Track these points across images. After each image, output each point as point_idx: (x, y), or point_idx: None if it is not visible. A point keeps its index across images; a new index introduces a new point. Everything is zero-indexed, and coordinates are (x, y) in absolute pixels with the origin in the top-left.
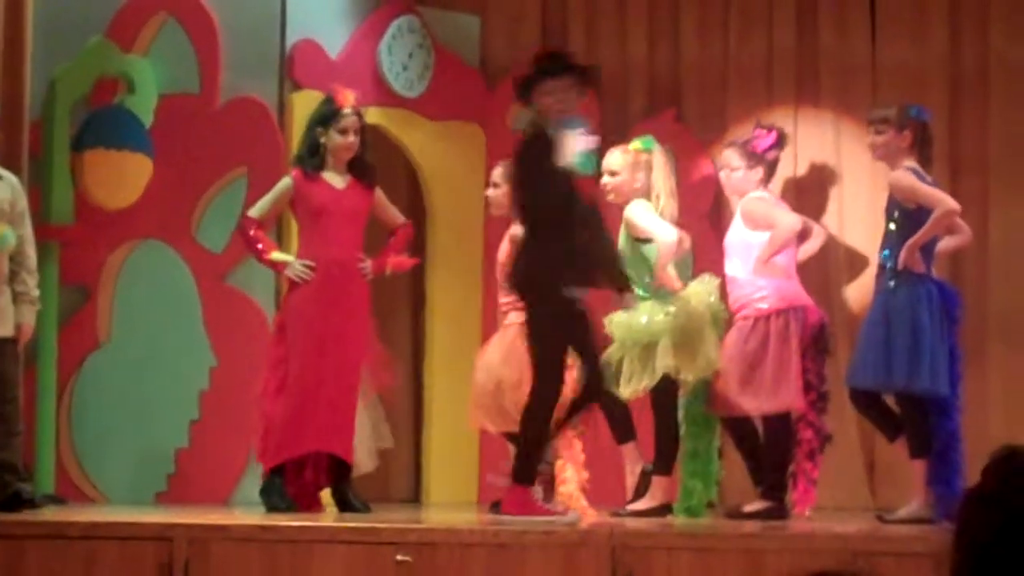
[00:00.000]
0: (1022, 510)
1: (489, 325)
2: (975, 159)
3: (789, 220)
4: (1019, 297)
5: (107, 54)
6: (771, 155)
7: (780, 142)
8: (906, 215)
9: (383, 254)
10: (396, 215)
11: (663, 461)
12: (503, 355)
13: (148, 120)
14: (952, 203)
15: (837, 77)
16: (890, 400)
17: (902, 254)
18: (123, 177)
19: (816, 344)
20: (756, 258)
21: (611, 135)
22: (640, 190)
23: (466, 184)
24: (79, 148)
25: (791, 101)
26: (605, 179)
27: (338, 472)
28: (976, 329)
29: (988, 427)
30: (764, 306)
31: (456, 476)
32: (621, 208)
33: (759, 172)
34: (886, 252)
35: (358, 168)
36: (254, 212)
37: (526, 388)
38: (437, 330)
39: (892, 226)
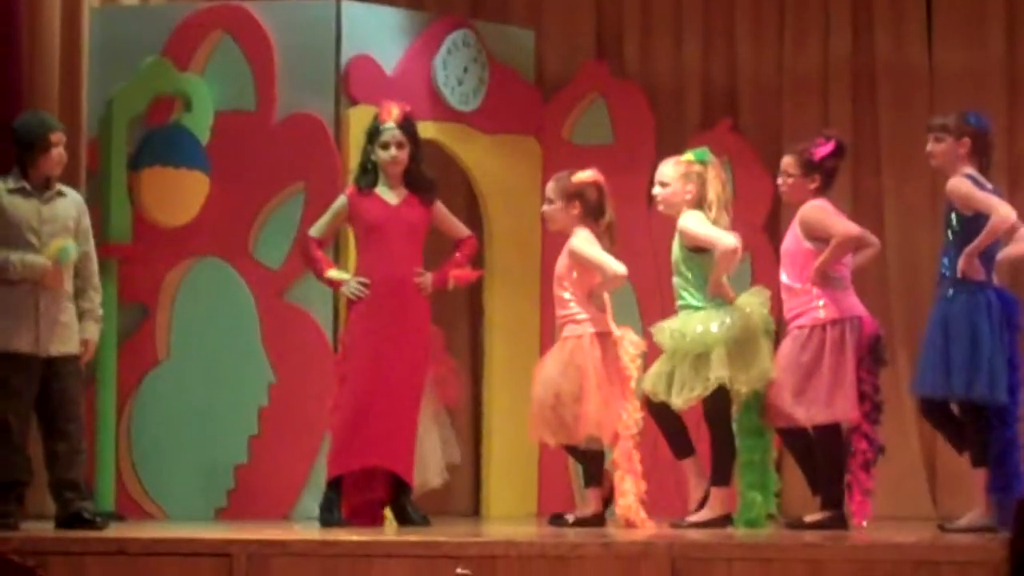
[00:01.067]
0: None
1: (547, 338)
2: None
3: (847, 229)
4: None
5: (163, 72)
6: (829, 164)
7: (838, 151)
8: (964, 223)
9: (445, 267)
10: (460, 228)
11: (720, 472)
12: (561, 367)
13: (205, 138)
14: (1008, 210)
15: (894, 84)
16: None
17: (960, 262)
18: (180, 195)
19: (872, 354)
20: (814, 267)
21: (667, 146)
22: (691, 201)
23: (523, 197)
24: (136, 166)
25: (847, 109)
26: (656, 189)
27: (397, 486)
28: None
29: None
30: (820, 315)
31: (516, 489)
32: (672, 219)
33: (815, 180)
34: (945, 260)
35: (415, 182)
36: (314, 231)
37: (584, 401)
38: (496, 343)
39: (950, 234)
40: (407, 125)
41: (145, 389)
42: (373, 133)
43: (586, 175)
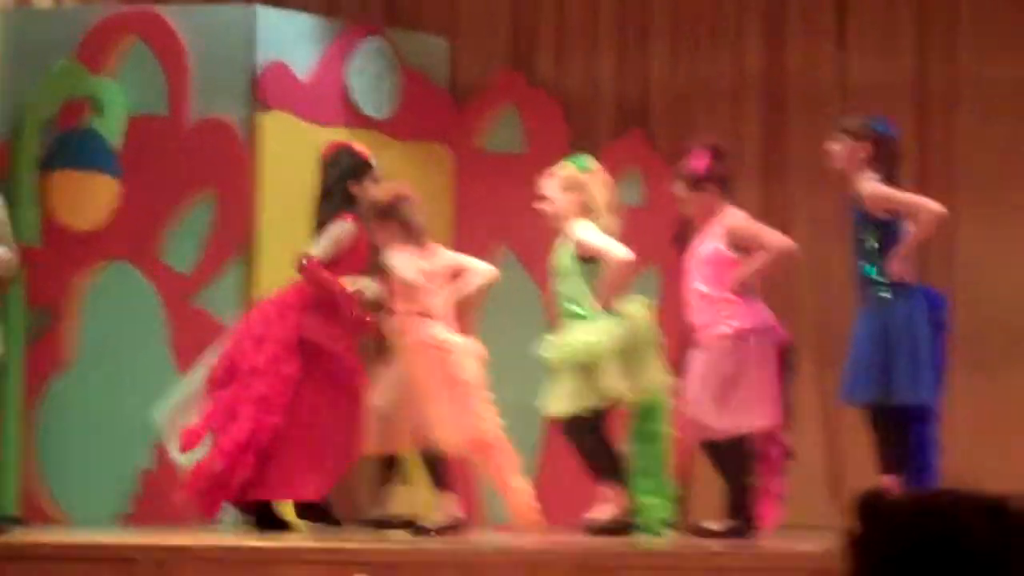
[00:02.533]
0: (890, 555)
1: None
2: (943, 178)
3: (782, 242)
4: (983, 317)
5: (75, 76)
6: (717, 171)
7: (718, 157)
8: (880, 227)
9: None
10: None
11: (604, 471)
12: (396, 376)
13: (116, 142)
14: (937, 206)
15: (805, 96)
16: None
17: (892, 266)
18: (90, 199)
19: (782, 362)
20: (735, 276)
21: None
22: (577, 210)
23: (435, 205)
24: (47, 170)
25: (759, 121)
26: (543, 205)
27: None
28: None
29: (954, 443)
30: (739, 324)
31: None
32: (561, 232)
33: (713, 191)
34: (869, 267)
35: None
36: (318, 252)
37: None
38: None
39: (872, 240)
40: None
41: (52, 393)
42: (360, 170)
43: (389, 189)
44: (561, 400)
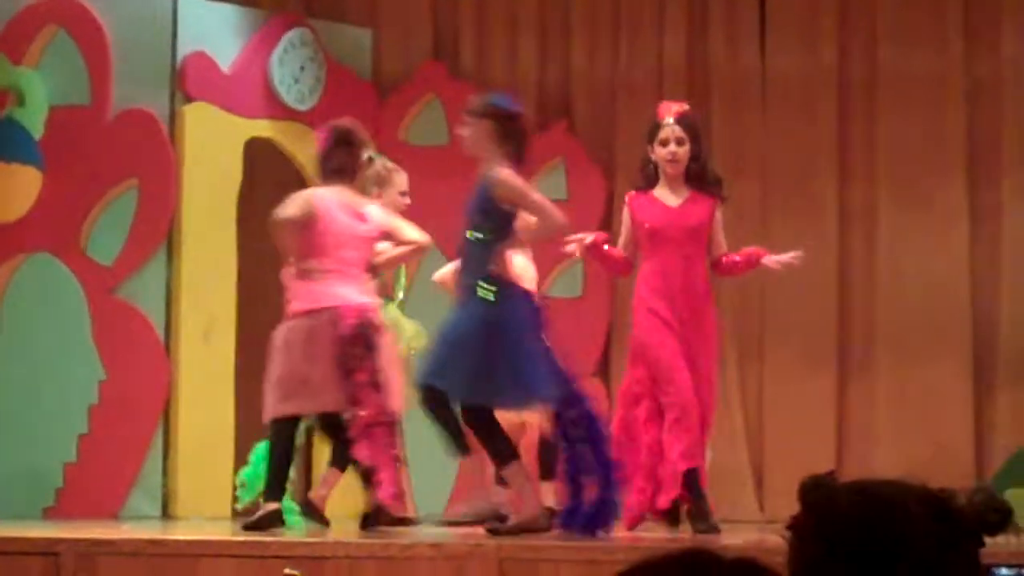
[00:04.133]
0: (834, 538)
1: None
2: (863, 169)
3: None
4: (906, 309)
5: None
6: (334, 155)
7: (332, 138)
8: (498, 217)
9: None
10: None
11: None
12: None
13: (38, 132)
14: (561, 219)
15: (727, 87)
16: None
17: (496, 262)
18: (11, 190)
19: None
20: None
21: None
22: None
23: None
24: None
25: None
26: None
27: None
28: (865, 339)
29: (876, 433)
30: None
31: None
32: None
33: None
34: (481, 258)
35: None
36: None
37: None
38: None
39: (487, 231)
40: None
41: None
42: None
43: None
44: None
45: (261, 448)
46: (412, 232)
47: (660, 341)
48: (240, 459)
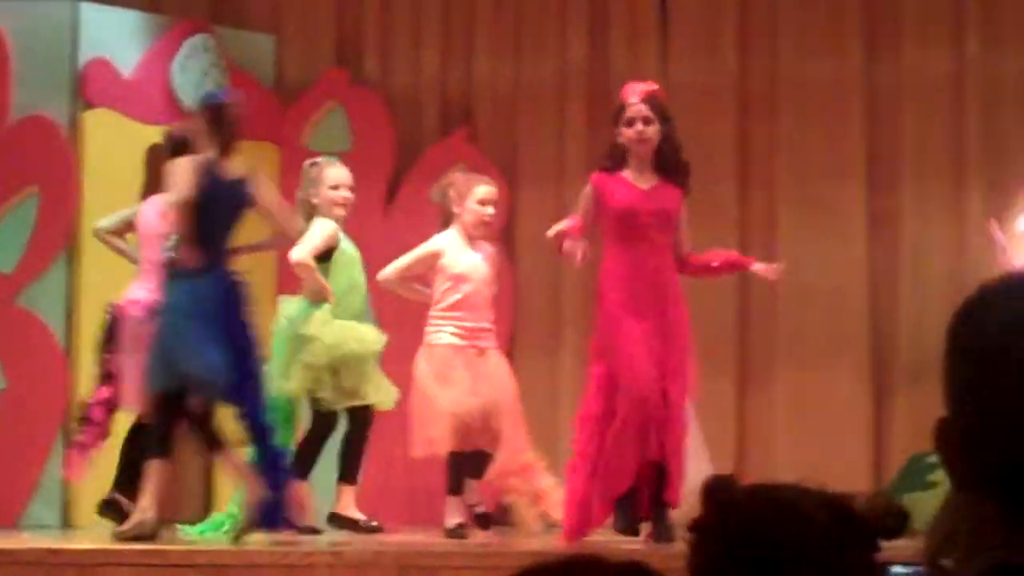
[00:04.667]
0: (734, 537)
1: None
2: (763, 177)
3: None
4: (804, 314)
5: None
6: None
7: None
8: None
9: None
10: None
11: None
12: None
13: None
14: (185, 193)
15: None
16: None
17: (185, 249)
18: None
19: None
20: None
21: (405, 154)
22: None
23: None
24: None
25: (583, 120)
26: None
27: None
28: (765, 344)
29: (775, 438)
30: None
31: None
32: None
33: None
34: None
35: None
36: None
37: None
38: None
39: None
40: None
41: None
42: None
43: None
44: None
45: None
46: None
47: (625, 335)
48: None
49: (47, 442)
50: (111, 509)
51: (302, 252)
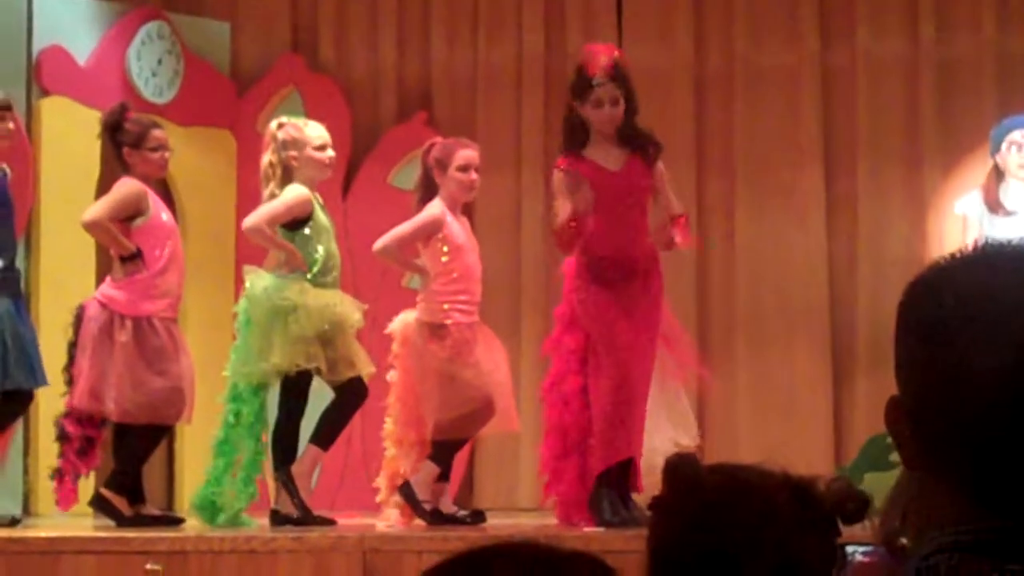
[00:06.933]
0: (695, 515)
1: None
2: (720, 161)
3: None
4: (763, 297)
5: None
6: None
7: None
8: None
9: None
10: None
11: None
12: None
13: None
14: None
15: None
16: None
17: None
18: None
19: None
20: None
21: (362, 140)
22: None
23: (217, 190)
24: None
25: (540, 105)
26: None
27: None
28: (724, 328)
29: (736, 421)
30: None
31: None
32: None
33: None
34: None
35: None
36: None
37: None
38: (191, 335)
39: None
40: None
41: None
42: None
43: None
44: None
45: None
46: None
47: (602, 310)
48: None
49: (7, 432)
50: (101, 504)
51: (255, 217)
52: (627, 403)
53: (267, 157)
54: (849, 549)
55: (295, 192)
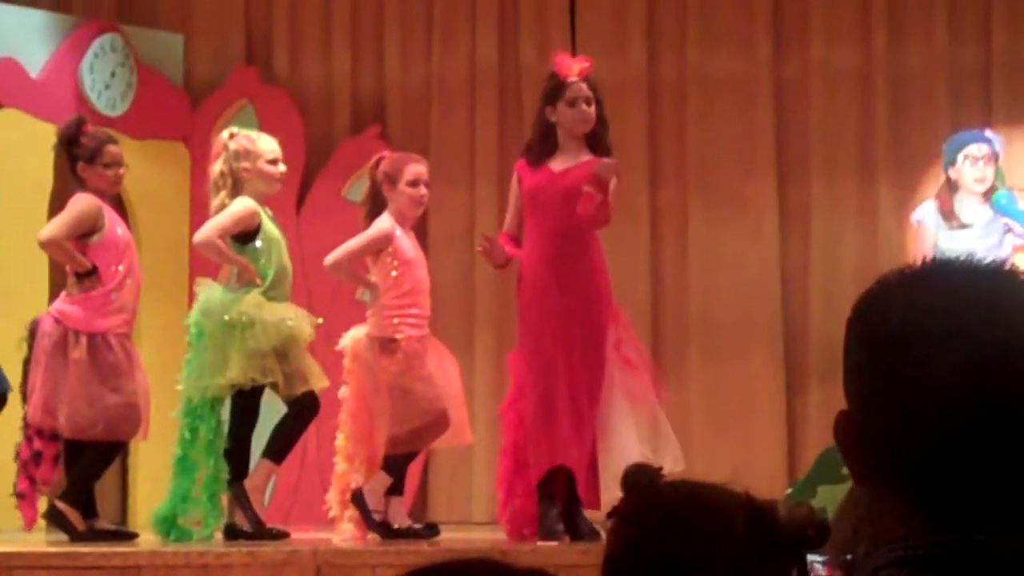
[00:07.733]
0: (651, 526)
1: None
2: (674, 171)
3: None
4: (716, 308)
5: None
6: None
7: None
8: None
9: None
10: None
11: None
12: None
13: None
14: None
15: (539, 92)
16: None
17: None
18: None
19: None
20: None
21: (316, 152)
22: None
23: (171, 203)
24: None
25: (494, 117)
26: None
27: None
28: (678, 338)
29: (690, 432)
30: None
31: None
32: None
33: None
34: None
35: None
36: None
37: None
38: (144, 348)
39: None
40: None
41: None
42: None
43: None
44: None
45: None
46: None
47: (541, 319)
48: None
49: None
50: (55, 517)
51: (206, 231)
52: (549, 413)
53: (218, 166)
54: (809, 559)
55: (242, 204)
